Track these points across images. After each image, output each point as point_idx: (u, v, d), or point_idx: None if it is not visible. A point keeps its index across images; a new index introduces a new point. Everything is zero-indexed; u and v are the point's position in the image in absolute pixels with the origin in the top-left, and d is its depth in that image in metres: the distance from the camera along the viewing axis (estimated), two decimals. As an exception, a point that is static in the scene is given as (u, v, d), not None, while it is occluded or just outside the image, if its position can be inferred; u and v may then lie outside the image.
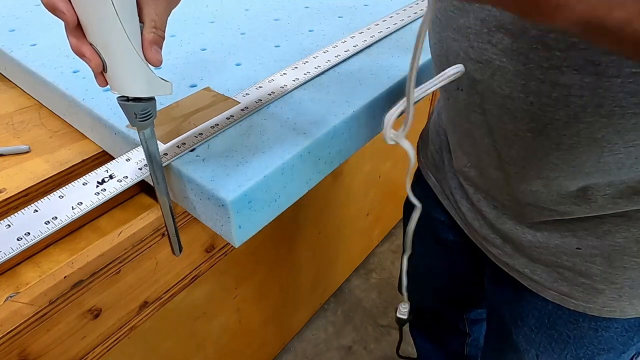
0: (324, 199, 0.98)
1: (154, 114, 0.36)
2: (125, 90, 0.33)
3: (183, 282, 0.53)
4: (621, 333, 0.47)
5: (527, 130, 0.36)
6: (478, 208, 0.50)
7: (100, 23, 0.29)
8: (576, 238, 0.43)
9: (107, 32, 0.30)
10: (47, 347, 0.41)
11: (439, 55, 0.41)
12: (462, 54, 0.37)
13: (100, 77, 0.33)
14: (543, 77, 0.32)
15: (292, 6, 0.73)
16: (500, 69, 0.35)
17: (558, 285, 0.47)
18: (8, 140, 0.53)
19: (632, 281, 0.43)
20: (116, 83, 0.33)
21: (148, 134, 0.37)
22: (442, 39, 0.40)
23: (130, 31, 0.30)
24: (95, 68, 0.31)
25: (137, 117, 0.34)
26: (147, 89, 0.33)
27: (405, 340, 1.24)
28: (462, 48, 0.37)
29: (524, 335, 0.54)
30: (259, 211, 0.43)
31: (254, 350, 1.02)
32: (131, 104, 0.34)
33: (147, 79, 0.33)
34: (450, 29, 0.38)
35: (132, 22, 0.30)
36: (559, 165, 0.37)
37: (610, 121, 0.32)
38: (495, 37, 0.34)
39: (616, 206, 0.39)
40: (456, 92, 0.41)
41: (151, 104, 0.35)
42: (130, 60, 0.31)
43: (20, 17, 0.67)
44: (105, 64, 0.31)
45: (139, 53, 0.31)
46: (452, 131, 0.49)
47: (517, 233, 0.47)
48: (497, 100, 0.36)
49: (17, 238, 0.35)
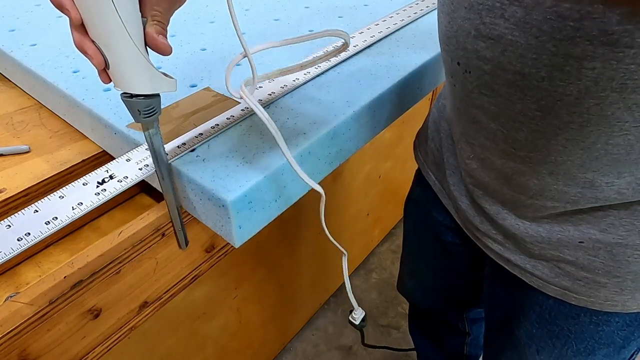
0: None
1: (158, 110, 0.36)
2: (128, 87, 0.33)
3: (183, 282, 0.53)
4: (622, 328, 0.47)
5: (536, 109, 0.36)
6: (479, 204, 0.50)
7: (101, 20, 0.30)
8: (579, 232, 0.43)
9: (108, 30, 0.30)
10: (47, 347, 0.41)
11: (449, 38, 0.41)
12: (473, 31, 0.37)
13: (103, 74, 0.33)
14: (555, 50, 0.32)
15: (292, 6, 0.73)
16: (512, 44, 0.35)
17: (560, 280, 0.47)
18: (8, 140, 0.53)
19: (635, 275, 0.43)
20: (119, 80, 0.33)
21: (153, 130, 0.37)
22: (452, 20, 0.40)
23: (132, 28, 0.30)
24: (97, 65, 0.32)
25: (140, 113, 0.35)
26: (150, 86, 0.33)
27: (405, 339, 1.24)
28: (473, 25, 0.37)
29: (525, 331, 0.54)
30: (259, 211, 0.43)
31: (254, 350, 1.02)
32: (134, 101, 0.34)
33: (150, 76, 0.33)
34: (461, 9, 0.38)
35: (134, 19, 0.30)
36: (568, 148, 0.37)
37: (621, 96, 0.32)
38: (509, 10, 0.33)
39: (622, 196, 0.39)
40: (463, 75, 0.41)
41: (155, 101, 0.35)
42: (131, 57, 0.31)
43: (20, 17, 0.67)
44: (108, 61, 0.31)
45: (140, 50, 0.32)
46: (456, 120, 0.49)
47: (518, 228, 0.47)
48: (507, 79, 0.36)
49: (18, 238, 0.35)
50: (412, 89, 0.59)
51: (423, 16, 0.70)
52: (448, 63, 0.43)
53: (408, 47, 0.62)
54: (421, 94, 0.62)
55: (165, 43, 0.32)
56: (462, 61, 0.40)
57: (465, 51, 0.39)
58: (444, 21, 0.42)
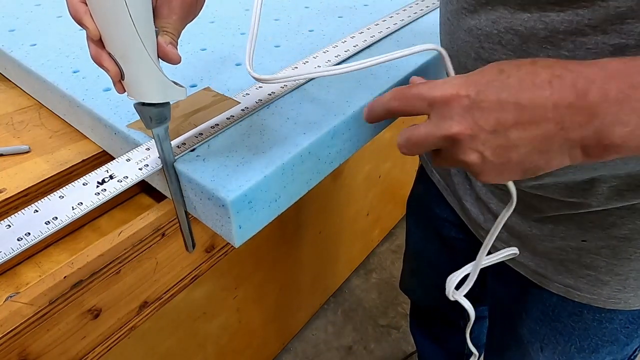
0: (324, 199, 0.98)
1: (168, 117, 0.38)
2: (142, 96, 0.35)
3: (183, 282, 0.53)
4: (625, 325, 0.48)
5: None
6: (484, 202, 0.51)
7: (118, 34, 0.31)
8: (582, 230, 0.44)
9: (125, 42, 0.32)
10: (47, 347, 0.41)
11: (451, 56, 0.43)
12: (473, 54, 0.38)
13: (118, 85, 0.35)
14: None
15: (292, 6, 0.73)
16: None
17: (563, 278, 0.47)
18: (8, 140, 0.53)
19: (637, 272, 0.44)
20: (133, 90, 0.34)
21: (162, 135, 0.39)
22: (453, 40, 0.41)
23: (146, 40, 0.32)
24: (114, 77, 0.33)
25: (152, 120, 0.37)
26: (162, 95, 0.35)
27: (405, 339, 1.25)
28: (472, 49, 0.38)
29: (528, 328, 0.54)
30: (259, 211, 0.43)
31: (254, 350, 1.02)
32: (147, 109, 0.36)
33: (163, 85, 0.35)
34: (461, 31, 0.39)
35: (148, 32, 0.32)
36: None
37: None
38: (505, 37, 0.35)
39: (622, 198, 0.39)
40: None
41: (166, 108, 0.37)
42: (146, 68, 0.33)
43: (20, 17, 0.67)
44: (123, 72, 0.33)
45: (154, 61, 0.33)
46: None
47: (522, 227, 0.47)
48: None
49: (18, 238, 0.35)
50: (412, 89, 0.59)
51: (423, 16, 0.70)
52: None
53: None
54: (421, 93, 0.62)
55: (175, 52, 0.34)
56: None
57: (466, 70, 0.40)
58: (445, 39, 0.44)
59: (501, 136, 0.27)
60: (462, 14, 0.39)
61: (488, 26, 0.36)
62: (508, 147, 0.27)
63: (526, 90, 0.26)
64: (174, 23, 0.34)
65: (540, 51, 0.33)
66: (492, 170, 0.28)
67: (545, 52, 0.33)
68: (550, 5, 0.32)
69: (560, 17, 0.31)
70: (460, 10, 0.39)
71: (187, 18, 0.35)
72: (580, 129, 0.25)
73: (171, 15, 0.34)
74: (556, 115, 0.25)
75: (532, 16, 0.33)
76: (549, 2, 0.31)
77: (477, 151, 0.28)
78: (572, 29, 0.31)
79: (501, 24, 0.35)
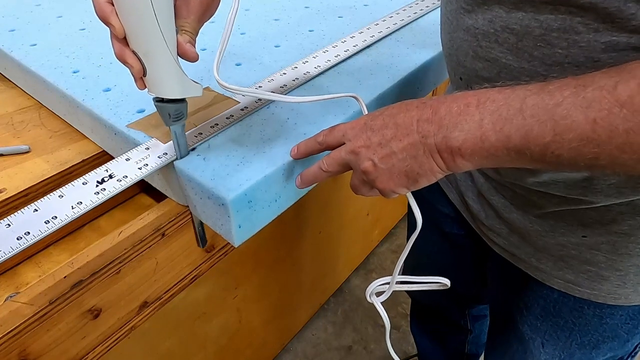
0: (324, 199, 0.98)
1: (185, 114, 0.39)
2: (162, 92, 0.36)
3: (183, 282, 0.53)
4: (625, 321, 0.48)
5: None
6: (486, 198, 0.51)
7: (143, 32, 0.33)
8: (582, 226, 0.44)
9: (149, 41, 0.33)
10: (47, 347, 0.41)
11: (450, 55, 0.44)
12: (471, 52, 0.40)
13: (139, 82, 0.36)
14: (546, 74, 0.35)
15: (292, 6, 0.73)
16: (506, 67, 0.37)
17: (564, 274, 0.47)
18: (8, 140, 0.53)
19: (637, 268, 0.44)
20: (154, 86, 0.36)
21: (179, 133, 0.41)
22: (452, 39, 0.43)
23: (169, 38, 0.34)
24: (136, 73, 0.35)
25: (170, 117, 0.38)
26: (181, 91, 0.37)
27: (405, 339, 1.24)
28: (471, 47, 0.40)
29: (530, 324, 0.54)
30: (259, 211, 0.43)
31: (254, 350, 1.02)
32: (166, 105, 0.37)
33: (182, 82, 0.36)
34: (460, 30, 0.41)
35: (170, 31, 0.34)
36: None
37: None
38: (502, 36, 0.36)
39: (622, 195, 0.39)
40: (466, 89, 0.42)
41: (183, 105, 0.38)
42: (168, 64, 0.35)
43: (20, 17, 0.67)
44: (146, 69, 0.35)
45: (175, 59, 0.35)
46: None
47: (523, 222, 0.48)
48: None
49: (17, 237, 0.35)
50: (412, 89, 0.59)
51: (423, 16, 0.70)
52: (452, 75, 0.46)
53: (408, 46, 0.62)
54: (421, 93, 0.62)
55: (193, 50, 0.36)
56: (463, 77, 0.43)
57: (465, 69, 0.41)
58: (445, 38, 0.45)
59: (386, 147, 0.35)
60: (460, 13, 0.40)
61: (485, 25, 0.37)
62: (390, 154, 0.35)
63: (401, 113, 0.35)
64: (192, 23, 0.36)
65: (535, 49, 0.34)
66: (383, 175, 0.36)
67: (540, 50, 0.34)
68: (543, 5, 0.33)
69: (553, 16, 0.32)
70: (458, 9, 0.40)
71: (204, 18, 0.37)
72: (434, 136, 0.33)
73: (190, 15, 0.35)
74: (418, 128, 0.33)
75: (527, 15, 0.34)
76: (542, 1, 0.32)
77: (370, 159, 0.36)
78: (566, 27, 0.32)
79: (497, 23, 0.36)
